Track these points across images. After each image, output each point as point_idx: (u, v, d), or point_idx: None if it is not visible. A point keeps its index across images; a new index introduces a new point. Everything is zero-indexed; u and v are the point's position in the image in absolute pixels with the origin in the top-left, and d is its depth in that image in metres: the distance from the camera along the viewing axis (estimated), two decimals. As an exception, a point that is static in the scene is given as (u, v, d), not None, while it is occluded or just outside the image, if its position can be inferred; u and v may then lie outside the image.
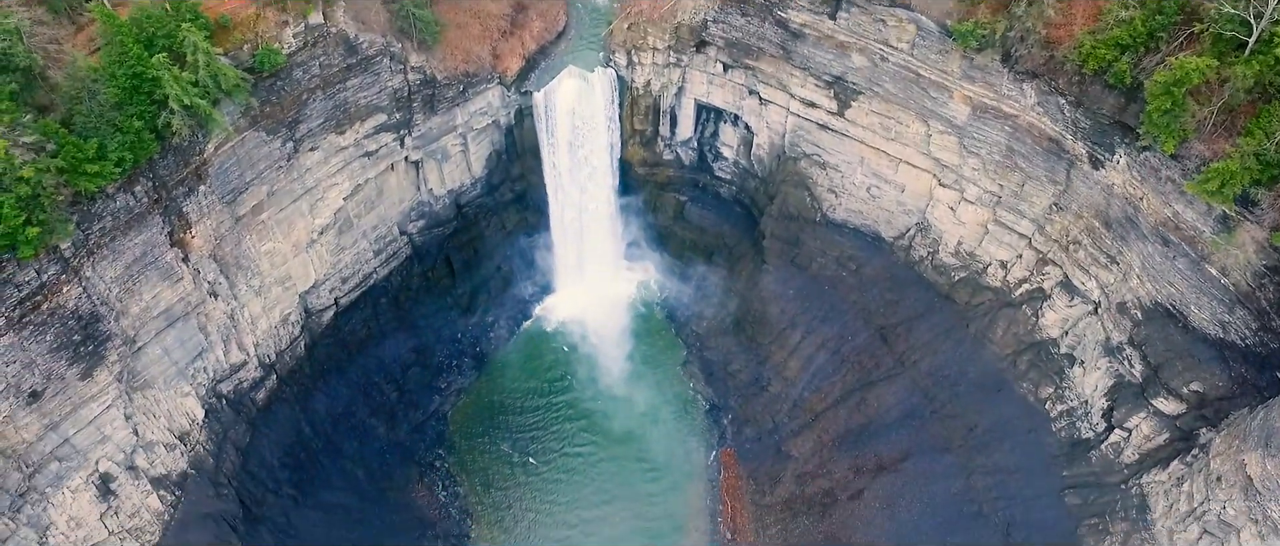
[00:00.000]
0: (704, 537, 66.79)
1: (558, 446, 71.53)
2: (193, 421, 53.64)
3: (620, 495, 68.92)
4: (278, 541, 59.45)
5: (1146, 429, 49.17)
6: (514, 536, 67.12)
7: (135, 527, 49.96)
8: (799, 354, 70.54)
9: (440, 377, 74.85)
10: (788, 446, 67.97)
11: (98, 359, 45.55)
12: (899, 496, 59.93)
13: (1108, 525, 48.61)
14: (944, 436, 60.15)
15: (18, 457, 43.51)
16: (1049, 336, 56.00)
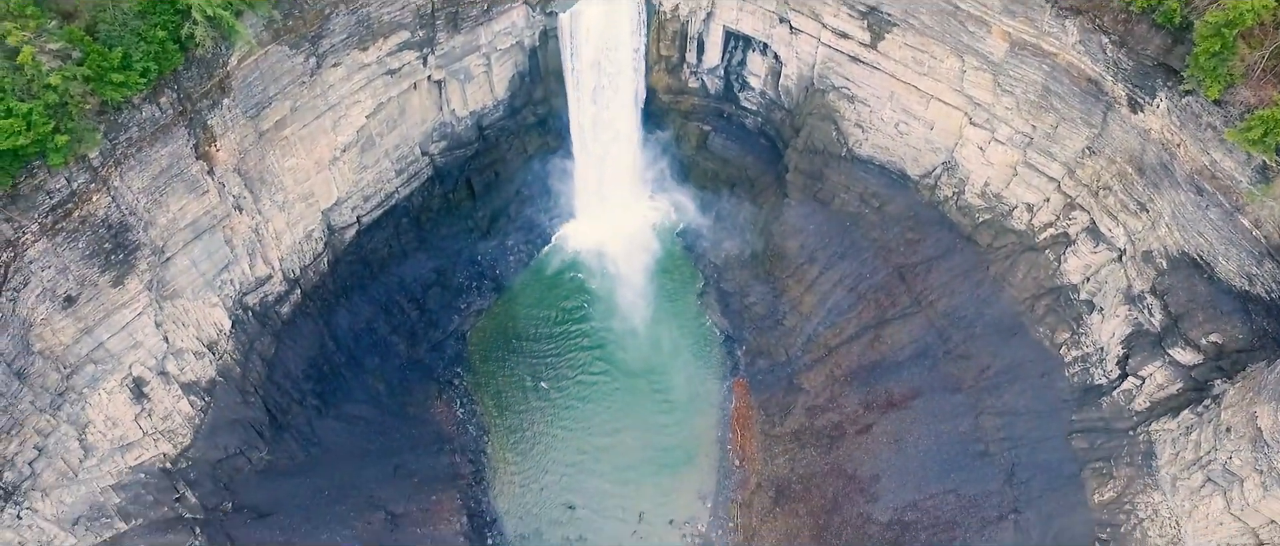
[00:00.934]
0: (713, 464, 68.61)
1: (572, 373, 73.01)
2: (220, 331, 55.22)
3: (632, 421, 70.63)
4: (302, 448, 61.95)
5: (1160, 378, 49.22)
6: (528, 457, 69.35)
7: (168, 430, 52.21)
8: (816, 289, 70.71)
9: (459, 299, 76.07)
10: (800, 379, 68.91)
11: (128, 267, 46.73)
12: (907, 433, 60.90)
13: (1112, 469, 49.27)
14: (955, 376, 60.61)
15: (56, 359, 45.32)
16: (1070, 282, 55.59)
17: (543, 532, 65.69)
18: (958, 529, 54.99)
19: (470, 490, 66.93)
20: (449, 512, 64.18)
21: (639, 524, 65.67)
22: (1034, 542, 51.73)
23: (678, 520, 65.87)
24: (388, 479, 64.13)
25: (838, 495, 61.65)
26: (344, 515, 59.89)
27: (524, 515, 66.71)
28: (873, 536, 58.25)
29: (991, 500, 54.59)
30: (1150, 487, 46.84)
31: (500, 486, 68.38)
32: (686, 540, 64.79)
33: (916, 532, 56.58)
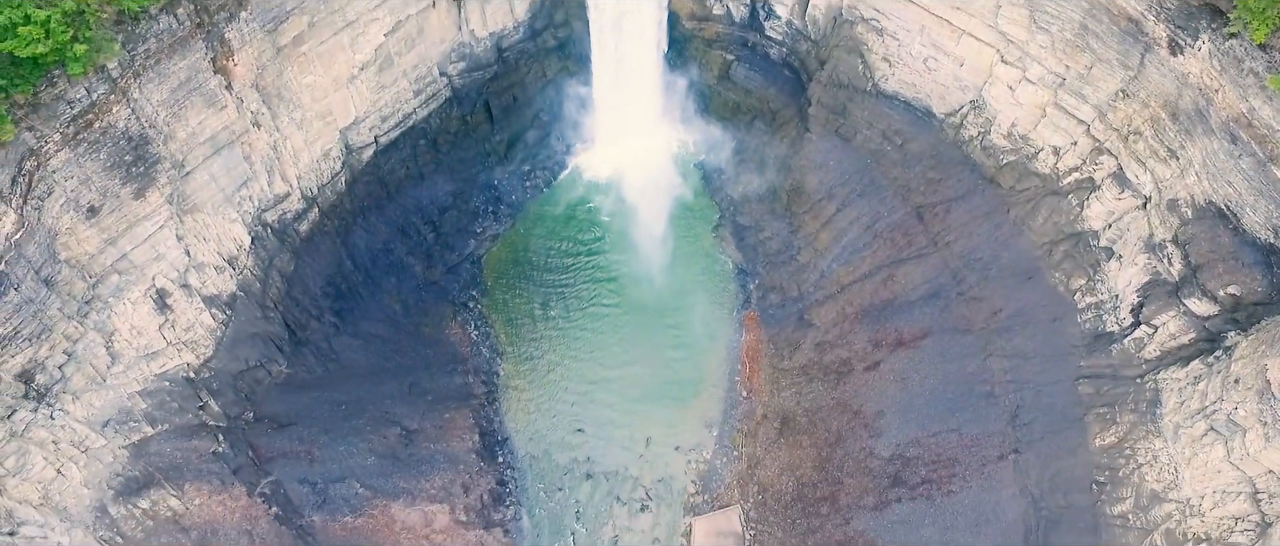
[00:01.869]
0: (720, 394, 69.87)
1: (585, 303, 73.82)
2: (240, 247, 56.04)
3: (642, 351, 71.69)
4: (320, 363, 63.60)
5: (1173, 327, 49.09)
6: (539, 381, 70.85)
7: (191, 341, 53.67)
8: (832, 226, 70.37)
9: (475, 222, 76.45)
10: (810, 315, 69.35)
11: (149, 180, 47.20)
12: (914, 371, 61.50)
13: (1115, 415, 49.73)
14: (967, 318, 60.73)
15: (81, 268, 46.38)
16: (1091, 228, 54.93)
17: (552, 453, 67.74)
18: (957, 466, 56.10)
19: (482, 410, 68.82)
20: (462, 430, 66.19)
21: (646, 449, 67.51)
22: (1031, 482, 52.75)
23: (684, 447, 67.61)
24: (403, 396, 65.96)
25: (841, 429, 62.84)
26: (360, 429, 61.93)
27: (534, 436, 68.70)
28: (873, 470, 59.59)
29: (993, 440, 55.44)
30: (1152, 434, 47.33)
31: (511, 407, 70.21)
32: (691, 466, 66.65)
33: (916, 468, 57.80)
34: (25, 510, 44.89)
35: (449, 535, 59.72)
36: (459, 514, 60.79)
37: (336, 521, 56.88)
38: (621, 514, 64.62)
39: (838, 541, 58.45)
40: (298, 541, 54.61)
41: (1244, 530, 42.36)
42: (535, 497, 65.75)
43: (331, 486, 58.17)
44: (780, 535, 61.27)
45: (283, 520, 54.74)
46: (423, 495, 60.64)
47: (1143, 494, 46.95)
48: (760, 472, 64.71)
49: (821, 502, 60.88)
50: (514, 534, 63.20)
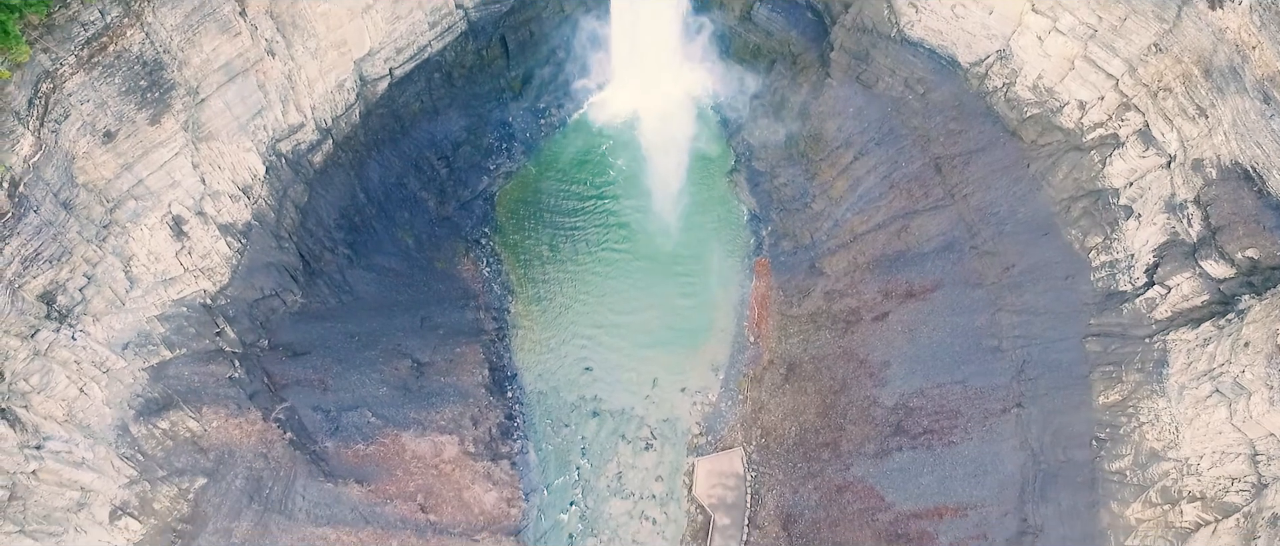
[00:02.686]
0: (728, 338, 70.43)
1: (596, 245, 73.91)
2: (254, 176, 56.22)
3: (652, 293, 72.09)
4: (334, 295, 64.44)
5: (1187, 288, 48.76)
6: (549, 319, 71.58)
7: (207, 268, 54.39)
8: (849, 174, 69.65)
9: (489, 159, 76.16)
10: (822, 263, 69.25)
11: (164, 106, 47.14)
12: (922, 323, 61.63)
13: (1121, 374, 49.87)
14: (979, 272, 60.49)
15: (98, 192, 46.80)
16: (1111, 186, 54.10)
17: (560, 390, 68.92)
18: (960, 417, 56.70)
19: (493, 346, 69.82)
20: (472, 365, 67.31)
21: (652, 389, 68.53)
22: (1032, 436, 53.33)
23: (690, 388, 68.58)
24: (415, 329, 66.94)
25: (847, 377, 63.43)
26: (373, 360, 63.10)
27: (543, 373, 69.80)
28: (876, 418, 60.36)
29: (997, 393, 55.87)
30: (1156, 394, 47.52)
31: (521, 344, 71.16)
32: (697, 408, 67.71)
33: (919, 418, 58.48)
34: (50, 426, 46.39)
35: (457, 465, 61.37)
36: (468, 445, 62.34)
37: (349, 448, 58.51)
38: (626, 452, 66.05)
39: (837, 486, 59.66)
40: (311, 466, 56.33)
41: (1239, 490, 42.86)
42: (542, 433, 67.22)
43: (344, 414, 59.64)
44: (781, 478, 62.57)
45: (297, 445, 56.36)
46: (433, 426, 62.12)
47: (1142, 452, 47.42)
48: (764, 417, 65.70)
49: (823, 448, 61.94)
50: (520, 467, 64.85)
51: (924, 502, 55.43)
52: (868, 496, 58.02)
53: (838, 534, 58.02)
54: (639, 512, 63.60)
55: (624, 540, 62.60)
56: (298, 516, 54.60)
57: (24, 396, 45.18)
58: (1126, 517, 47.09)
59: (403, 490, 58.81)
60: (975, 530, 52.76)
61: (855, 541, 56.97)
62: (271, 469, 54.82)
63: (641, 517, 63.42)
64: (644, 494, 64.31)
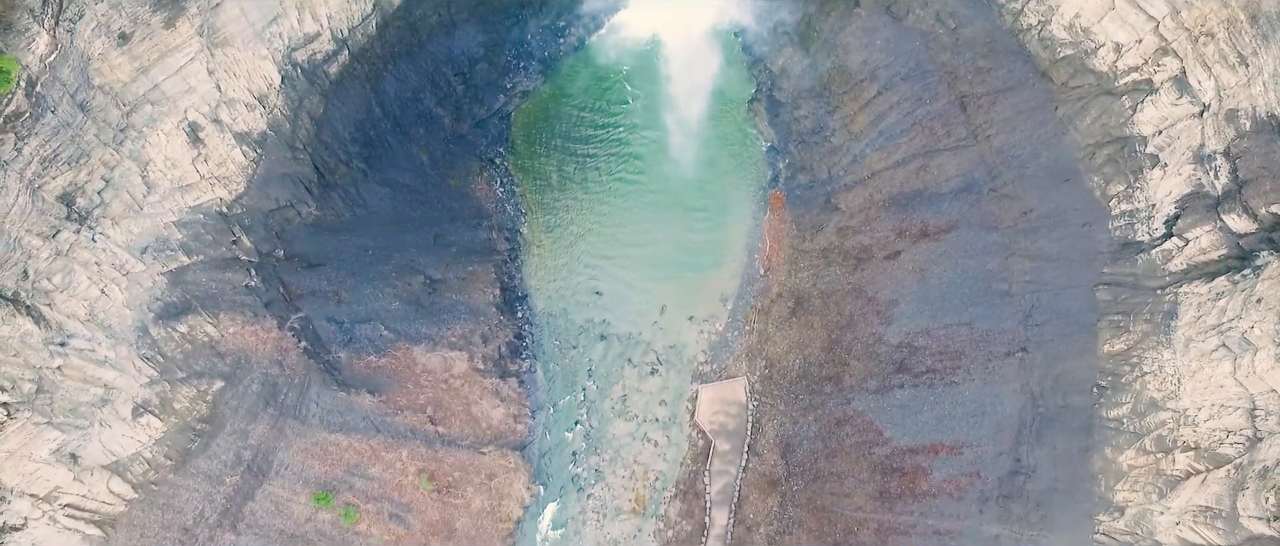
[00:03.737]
0: (738, 270, 70.69)
1: (612, 171, 73.41)
2: (270, 85, 55.77)
3: (664, 221, 72.05)
4: (348, 208, 64.79)
5: (1206, 242, 48.19)
6: (562, 242, 71.90)
7: (222, 176, 54.68)
8: (871, 109, 68.25)
9: (506, 77, 74.98)
10: (837, 199, 68.69)
11: (179, 9, 46.55)
12: (934, 264, 61.48)
13: (1129, 324, 49.88)
14: (995, 215, 59.88)
15: (114, 95, 46.76)
16: (1139, 133, 52.80)
17: (569, 312, 69.87)
18: (963, 358, 57.23)
19: (505, 266, 70.47)
20: (484, 284, 68.15)
21: (660, 316, 69.33)
22: (1034, 380, 53.86)
23: (697, 317, 69.32)
24: (428, 246, 67.52)
25: (854, 313, 63.83)
26: (386, 274, 63.96)
27: (553, 295, 70.64)
28: (880, 355, 61.03)
29: (1003, 337, 56.17)
30: (1161, 346, 47.63)
31: (533, 266, 71.79)
32: (704, 336, 68.61)
33: (923, 357, 59.08)
34: (73, 324, 47.76)
35: (466, 381, 62.94)
36: (477, 362, 63.76)
37: (361, 359, 60.00)
38: (632, 375, 67.39)
39: (837, 419, 60.90)
40: (325, 375, 57.93)
41: (1234, 443, 43.44)
42: (550, 353, 68.54)
43: (357, 326, 60.91)
44: (783, 408, 63.86)
45: (311, 354, 57.84)
46: (443, 342, 63.41)
47: (1141, 401, 47.89)
48: (769, 348, 66.55)
49: (825, 381, 62.92)
50: (528, 385, 66.45)
51: (921, 439, 56.59)
52: (866, 430, 59.26)
53: (835, 464, 59.58)
54: (642, 434, 65.39)
55: (626, 460, 64.58)
56: (311, 422, 56.56)
57: (47, 295, 46.38)
58: (1119, 463, 47.96)
59: (413, 402, 60.57)
60: (969, 467, 54.00)
61: (851, 472, 58.54)
62: (286, 376, 56.47)
63: (644, 439, 65.23)
64: (647, 417, 65.96)
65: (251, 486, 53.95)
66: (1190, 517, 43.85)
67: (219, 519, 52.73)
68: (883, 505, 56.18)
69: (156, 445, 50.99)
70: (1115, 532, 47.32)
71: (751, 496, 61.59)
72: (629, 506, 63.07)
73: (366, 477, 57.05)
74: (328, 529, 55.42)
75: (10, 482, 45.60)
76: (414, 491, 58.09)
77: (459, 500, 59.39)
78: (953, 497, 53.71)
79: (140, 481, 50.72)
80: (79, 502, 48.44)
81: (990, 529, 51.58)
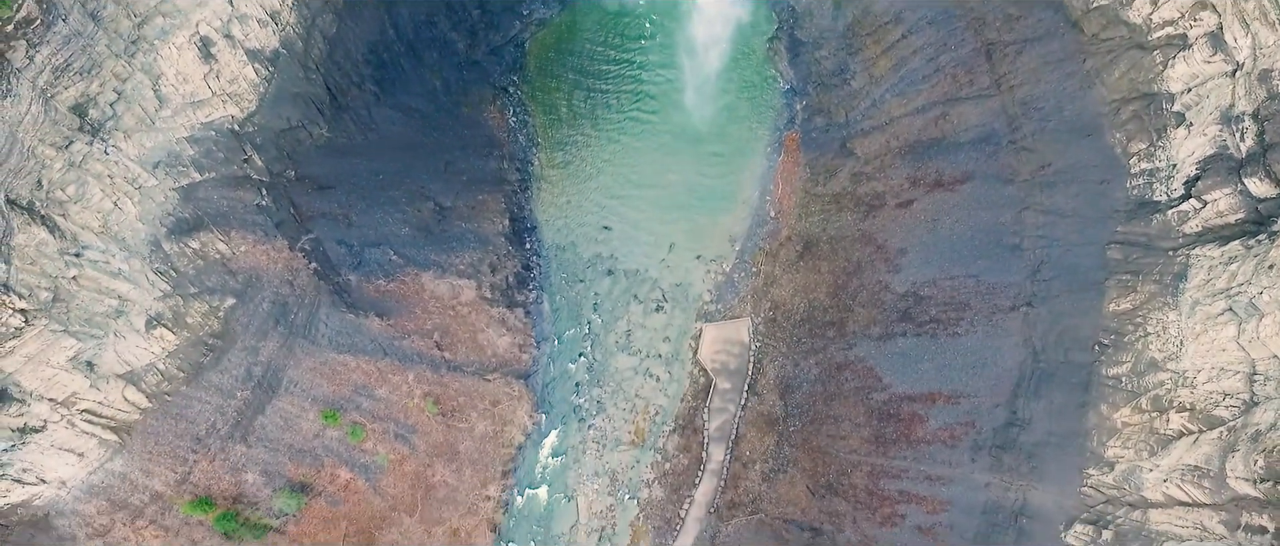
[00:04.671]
0: (749, 211, 70.38)
1: (627, 108, 72.37)
2: (283, 2, 54.83)
3: (677, 158, 71.40)
4: (360, 131, 64.46)
5: (1224, 205, 47.50)
6: (573, 176, 71.51)
7: (234, 93, 54.32)
8: (894, 53, 66.64)
9: (522, 4, 73.44)
10: (853, 144, 67.77)
11: (189, -82, 45.33)
12: (946, 214, 61.01)
13: (1137, 284, 49.67)
14: (1012, 168, 59.05)
15: (126, 5, 46.16)
16: (1168, 90, 51.46)
17: (577, 246, 70.07)
18: (968, 310, 57.33)
19: (515, 196, 70.39)
20: (493, 213, 68.23)
21: (668, 254, 69.46)
22: (1036, 335, 54.02)
23: (705, 256, 69.43)
24: (438, 173, 67.36)
25: (862, 260, 63.75)
26: (396, 199, 64.04)
27: (562, 228, 70.71)
28: (885, 303, 61.20)
29: (1009, 291, 56.11)
30: (1167, 307, 47.52)
31: (543, 198, 71.66)
32: (710, 275, 68.83)
33: (927, 307, 59.22)
34: (87, 236, 48.33)
35: (474, 309, 63.68)
36: (485, 291, 64.37)
37: (370, 282, 60.68)
38: (637, 311, 67.98)
39: (838, 363, 61.53)
40: (334, 297, 58.72)
41: (1230, 406, 43.75)
42: (557, 285, 69.06)
43: (367, 250, 61.37)
44: (784, 350, 64.50)
45: (321, 275, 58.50)
46: (452, 269, 63.91)
47: (1142, 360, 48.07)
48: (775, 291, 66.79)
49: (829, 326, 63.33)
50: (534, 316, 67.21)
51: (920, 387, 57.23)
52: (866, 376, 59.92)
53: (833, 407, 60.50)
54: (644, 369, 66.37)
55: (627, 393, 65.75)
56: (321, 342, 57.62)
57: (61, 205, 46.81)
58: (1113, 420, 48.50)
59: (420, 327, 61.48)
60: (965, 417, 54.74)
61: (848, 416, 59.49)
62: (297, 296, 57.28)
63: (646, 374, 66.25)
64: (650, 352, 66.82)
65: (262, 401, 55.40)
66: (1178, 476, 44.54)
67: (230, 430, 54.37)
68: (877, 449, 57.25)
69: (170, 357, 52.21)
70: (1103, 486, 48.22)
71: (749, 434, 62.84)
72: (628, 438, 64.55)
73: (373, 398, 58.43)
74: (335, 445, 57.12)
75: (30, 386, 46.99)
76: (419, 414, 59.54)
77: (463, 424, 60.88)
78: (946, 445, 54.64)
79: (154, 391, 52.15)
80: (96, 408, 49.97)
81: (981, 477, 52.62)
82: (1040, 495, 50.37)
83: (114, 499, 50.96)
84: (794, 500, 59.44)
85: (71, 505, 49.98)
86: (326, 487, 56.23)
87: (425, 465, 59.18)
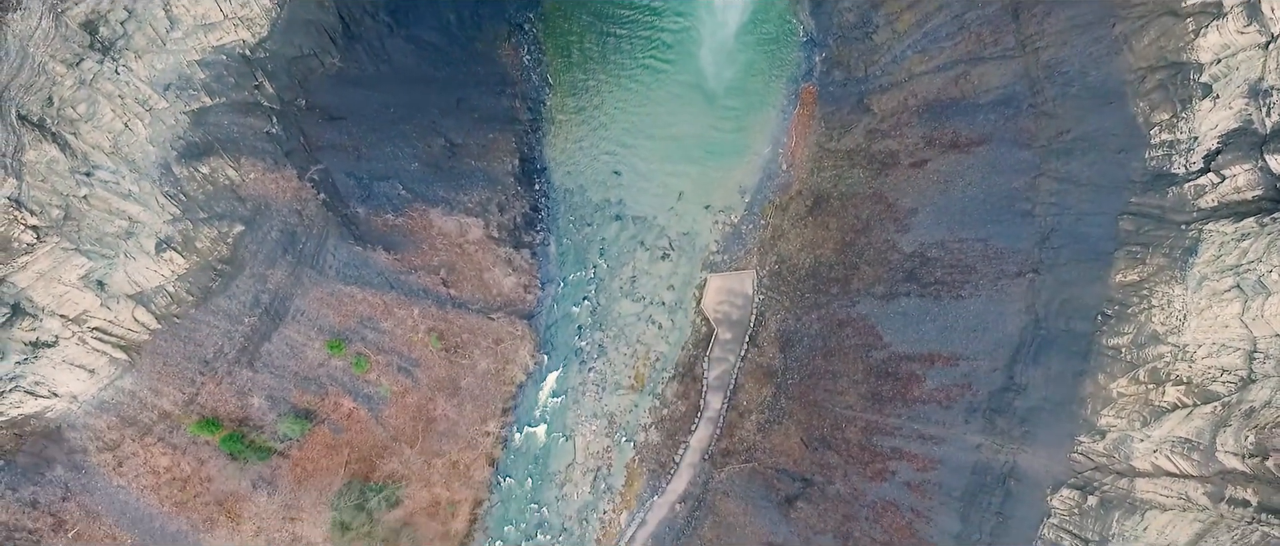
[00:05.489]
0: (760, 163, 69.79)
1: (642, 54, 71.11)
2: (295, -76, 53.66)
3: (692, 109, 70.61)
4: (372, 62, 63.75)
5: (1243, 180, 46.85)
6: (585, 119, 70.76)
7: (246, 17, 53.62)
8: (919, 8, 65.04)
9: (540, -62, 71.68)
10: (870, 100, 66.72)
11: None
12: (959, 177, 60.40)
13: (1146, 256, 49.37)
14: (1030, 133, 58.15)
15: (136, -80, 45.12)
16: (1197, 60, 50.24)
17: (587, 189, 69.84)
18: (973, 274, 57.23)
19: (526, 136, 69.88)
20: (504, 152, 67.85)
21: (677, 202, 69.21)
22: (1040, 302, 53.99)
23: (714, 207, 69.16)
24: (450, 109, 66.79)
25: (871, 218, 63.42)
26: (407, 134, 63.71)
27: (572, 171, 70.35)
28: (892, 262, 61.10)
29: (1016, 257, 55.87)
30: (1174, 281, 47.32)
31: (554, 140, 71.14)
32: (718, 226, 68.69)
33: (933, 268, 59.13)
34: (98, 156, 48.44)
35: (481, 247, 63.93)
36: (492, 230, 64.52)
37: (379, 216, 60.84)
38: (643, 257, 68.13)
39: (840, 320, 61.80)
40: (342, 228, 58.98)
41: (1226, 382, 43.94)
42: (565, 228, 69.08)
43: (376, 183, 61.36)
44: (787, 304, 64.74)
45: (330, 206, 58.68)
46: (460, 206, 63.95)
47: (1144, 333, 48.12)
48: (782, 244, 66.69)
49: (833, 283, 63.41)
50: (541, 257, 67.46)
51: (920, 347, 57.56)
52: (867, 333, 60.25)
53: (831, 363, 61.02)
54: (647, 316, 66.84)
55: (629, 339, 66.38)
56: (328, 273, 58.14)
57: (72, 124, 46.79)
58: (1109, 390, 48.83)
59: (427, 263, 61.87)
60: (962, 379, 55.18)
61: (846, 372, 60.04)
62: (305, 225, 57.56)
63: (649, 320, 66.74)
64: (654, 299, 67.19)
65: (269, 328, 56.24)
66: (1168, 447, 45.05)
67: (237, 355, 55.37)
68: (873, 406, 57.95)
69: (179, 280, 52.85)
70: (1093, 454, 48.85)
71: (747, 385, 63.61)
72: (628, 382, 65.43)
73: (378, 331, 59.21)
74: (340, 375, 58.17)
75: (42, 302, 47.79)
76: (423, 348, 60.40)
77: (465, 360, 61.78)
78: (941, 405, 55.24)
79: (163, 313, 52.97)
80: (106, 327, 50.88)
81: (973, 439, 53.34)
82: (1030, 458, 51.11)
83: (123, 415, 52.30)
84: (787, 451, 60.50)
85: (82, 419, 51.36)
86: (330, 415, 57.49)
87: (427, 398, 60.30)
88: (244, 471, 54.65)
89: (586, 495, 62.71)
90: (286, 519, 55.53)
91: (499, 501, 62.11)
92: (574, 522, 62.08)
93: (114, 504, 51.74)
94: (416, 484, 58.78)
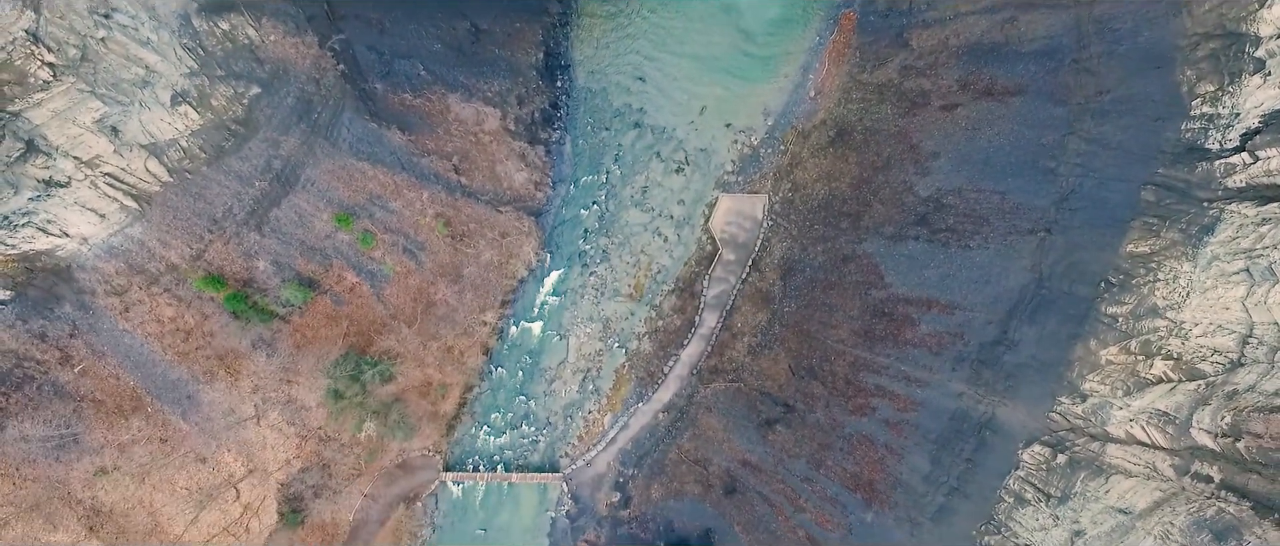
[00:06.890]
0: (789, 87, 68.21)
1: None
2: None
3: (726, 21, 68.33)
4: (402, -68, 61.23)
5: (1276, 164, 45.77)
6: (616, 21, 68.60)
7: None
8: (977, -59, 61.86)
9: None
10: (910, 35, 64.46)
11: None
12: (988, 125, 59.01)
13: (1161, 229, 48.78)
14: (1068, 89, 56.39)
15: None
16: (1255, 32, 48.16)
17: (609, 92, 68.58)
18: (985, 226, 56.73)
19: (553, 30, 68.03)
20: (529, 44, 66.23)
21: (698, 116, 68.03)
22: (1047, 262, 53.72)
23: (735, 126, 68.01)
24: (478, -8, 64.85)
25: (892, 157, 62.40)
26: (432, 14, 62.06)
27: (596, 72, 68.88)
28: (906, 204, 60.51)
29: (1032, 214, 55.22)
30: (1185, 257, 46.92)
31: (581, 37, 69.32)
32: (736, 146, 67.74)
33: (945, 216, 58.59)
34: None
35: (496, 139, 63.37)
36: (509, 122, 63.77)
37: (396, 94, 60.05)
38: (657, 169, 67.57)
39: (844, 255, 61.78)
40: (359, 102, 58.34)
41: (1215, 362, 44.26)
42: (582, 129, 68.25)
43: (397, 61, 60.25)
44: (795, 233, 64.58)
45: (348, 78, 57.84)
46: (479, 94, 62.99)
47: (1144, 305, 48.11)
48: (798, 172, 65.91)
49: (844, 217, 63.02)
50: (555, 156, 66.93)
51: (920, 292, 57.76)
52: (869, 272, 60.36)
53: (830, 296, 61.41)
54: (654, 227, 66.89)
55: (633, 248, 66.69)
56: (341, 146, 57.92)
57: (91, -40, 45.61)
58: (1098, 356, 49.26)
59: (441, 148, 61.50)
60: (955, 327, 55.62)
61: (843, 307, 60.50)
62: (322, 95, 56.93)
63: (655, 232, 66.83)
64: (663, 212, 67.06)
65: (278, 194, 56.54)
66: (1145, 418, 45.83)
67: (246, 217, 55.90)
68: (864, 343, 58.70)
69: (192, 136, 52.78)
70: (1071, 415, 49.78)
71: (744, 308, 64.28)
72: (627, 291, 66.16)
73: (387, 210, 59.50)
74: (345, 248, 58.86)
75: (56, 141, 47.94)
76: (429, 232, 60.84)
77: (470, 249, 62.33)
78: (931, 351, 55.92)
79: (175, 166, 53.17)
80: (118, 173, 51.19)
81: (956, 387, 54.26)
82: (1009, 412, 52.14)
83: (132, 262, 53.34)
84: (774, 376, 61.73)
85: (92, 261, 52.41)
86: (333, 287, 58.53)
87: (429, 282, 61.19)
88: (245, 331, 56.14)
89: (574, 394, 64.50)
90: (283, 380, 57.45)
91: (489, 389, 63.99)
92: (559, 418, 64.15)
93: (119, 346, 53.48)
94: (411, 363, 60.43)
